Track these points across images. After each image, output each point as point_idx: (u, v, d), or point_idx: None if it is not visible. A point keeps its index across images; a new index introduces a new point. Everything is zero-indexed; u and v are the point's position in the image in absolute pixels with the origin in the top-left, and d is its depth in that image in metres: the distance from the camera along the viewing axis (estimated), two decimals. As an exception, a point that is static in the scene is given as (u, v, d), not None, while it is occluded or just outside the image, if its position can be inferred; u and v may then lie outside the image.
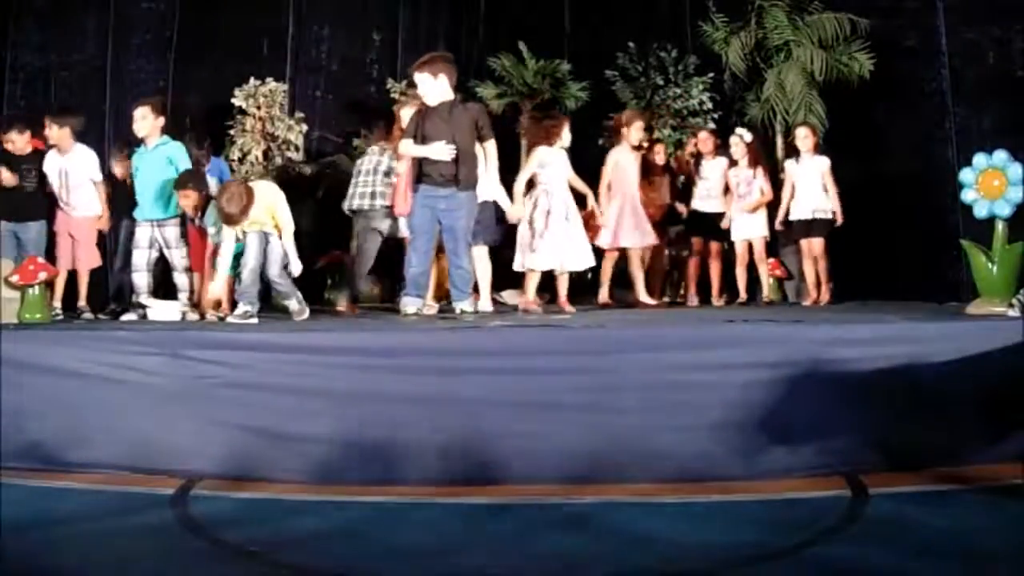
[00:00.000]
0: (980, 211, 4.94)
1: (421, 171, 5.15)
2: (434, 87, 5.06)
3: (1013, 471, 3.67)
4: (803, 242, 6.70)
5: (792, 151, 6.99)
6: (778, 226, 6.82)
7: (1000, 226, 4.89)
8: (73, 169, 6.11)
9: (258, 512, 3.46)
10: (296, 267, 5.32)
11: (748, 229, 6.89)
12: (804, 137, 6.74)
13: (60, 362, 4.11)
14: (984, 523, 3.16)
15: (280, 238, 5.25)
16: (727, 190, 7.06)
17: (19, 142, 6.10)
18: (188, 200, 5.45)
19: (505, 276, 6.08)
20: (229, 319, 5.27)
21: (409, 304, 5.18)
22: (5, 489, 3.64)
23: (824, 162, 6.68)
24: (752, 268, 6.98)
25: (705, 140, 7.31)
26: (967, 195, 5.00)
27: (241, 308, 5.22)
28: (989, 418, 3.87)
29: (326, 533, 3.22)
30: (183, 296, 5.58)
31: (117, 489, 3.76)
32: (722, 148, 7.17)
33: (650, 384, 3.86)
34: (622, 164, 6.46)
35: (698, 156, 7.35)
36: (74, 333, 4.53)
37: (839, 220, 6.55)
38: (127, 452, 3.98)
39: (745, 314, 5.30)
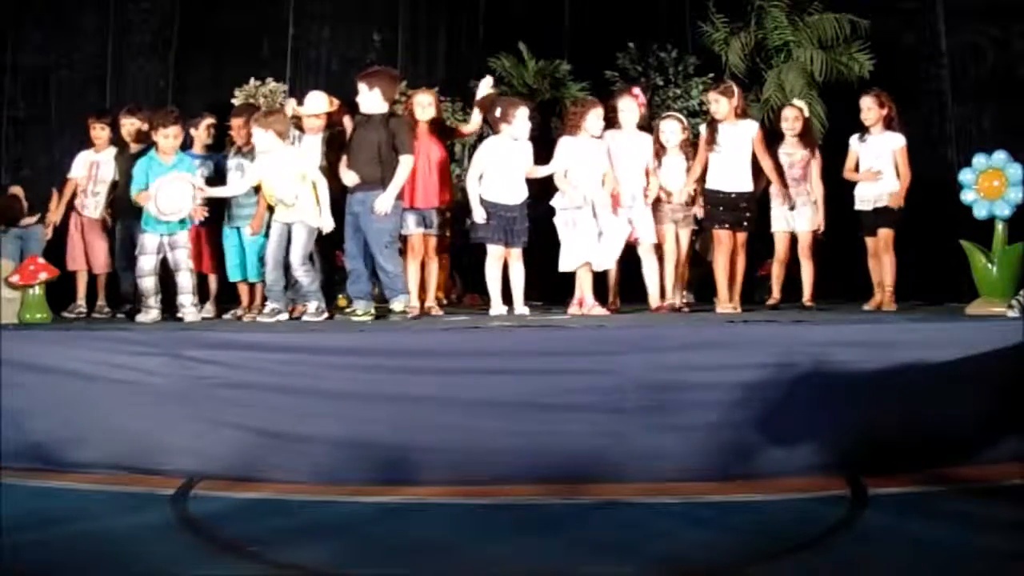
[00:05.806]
0: (980, 211, 4.94)
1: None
2: (368, 98, 5.25)
3: (1013, 471, 3.68)
4: (870, 238, 5.59)
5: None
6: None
7: (1000, 226, 4.89)
8: (105, 163, 6.15)
9: (258, 512, 3.47)
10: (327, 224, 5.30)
11: (792, 219, 5.73)
12: (868, 109, 5.49)
13: (60, 362, 4.12)
14: (984, 523, 3.16)
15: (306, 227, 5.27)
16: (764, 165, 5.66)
17: None
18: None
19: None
20: (259, 319, 5.29)
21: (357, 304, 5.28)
22: (5, 489, 3.65)
23: (897, 139, 5.48)
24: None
25: (732, 98, 5.63)
26: (967, 195, 5.00)
27: (269, 306, 5.26)
28: (989, 418, 3.87)
29: (326, 533, 3.23)
30: (185, 297, 5.55)
31: (117, 489, 3.77)
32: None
33: (650, 384, 3.86)
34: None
35: (712, 123, 5.67)
36: (74, 333, 4.52)
37: (899, 203, 5.46)
38: (127, 452, 3.99)
39: (745, 315, 5.29)
